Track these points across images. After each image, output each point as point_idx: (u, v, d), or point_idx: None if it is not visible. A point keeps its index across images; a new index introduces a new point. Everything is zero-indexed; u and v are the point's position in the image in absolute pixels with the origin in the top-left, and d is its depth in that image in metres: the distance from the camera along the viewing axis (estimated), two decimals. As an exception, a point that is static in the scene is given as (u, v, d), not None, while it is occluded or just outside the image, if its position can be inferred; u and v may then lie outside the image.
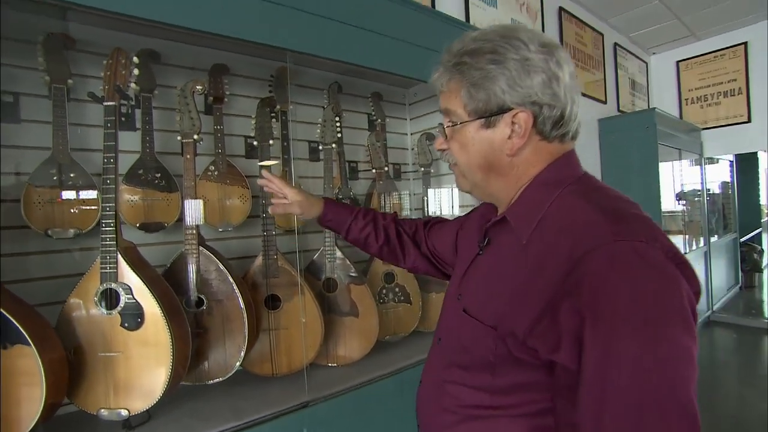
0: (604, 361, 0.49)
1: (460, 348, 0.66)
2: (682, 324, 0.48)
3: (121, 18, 1.00)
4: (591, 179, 0.64)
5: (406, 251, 1.03)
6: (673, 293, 0.49)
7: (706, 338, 3.94)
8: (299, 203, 1.01)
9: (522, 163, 0.63)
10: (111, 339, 1.05)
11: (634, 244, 0.50)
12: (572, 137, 0.64)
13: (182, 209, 1.29)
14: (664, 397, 0.46)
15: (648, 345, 0.47)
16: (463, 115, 0.64)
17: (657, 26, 3.91)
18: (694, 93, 4.37)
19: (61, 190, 1.16)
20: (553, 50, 0.60)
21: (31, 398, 0.90)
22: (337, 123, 1.53)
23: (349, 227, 1.02)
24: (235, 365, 1.22)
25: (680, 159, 4.06)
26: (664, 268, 0.50)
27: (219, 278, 1.23)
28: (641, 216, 0.55)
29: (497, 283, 0.64)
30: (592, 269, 0.50)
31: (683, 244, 3.96)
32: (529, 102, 0.59)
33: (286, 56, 1.30)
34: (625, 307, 0.48)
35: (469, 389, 0.63)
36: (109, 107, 1.08)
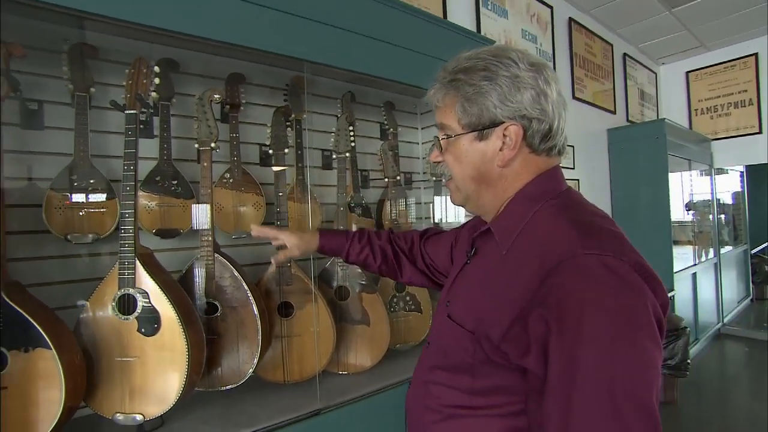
0: (569, 368, 0.52)
1: (443, 351, 0.70)
2: (646, 333, 0.51)
3: (143, 28, 1.02)
4: (572, 195, 0.68)
5: (402, 268, 1.09)
6: (637, 304, 0.52)
7: (716, 351, 3.89)
8: (297, 245, 1.07)
9: (511, 174, 0.67)
10: (127, 344, 1.06)
11: (603, 257, 0.53)
12: (558, 151, 0.69)
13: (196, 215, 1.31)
14: (627, 402, 0.49)
15: (611, 353, 0.50)
16: (457, 128, 0.67)
17: (666, 37, 3.91)
18: (704, 103, 4.36)
19: (81, 195, 1.18)
20: (541, 69, 0.64)
21: (51, 401, 0.91)
22: (351, 132, 1.55)
23: (347, 253, 1.08)
24: (248, 372, 1.23)
25: (690, 169, 4.04)
26: (630, 281, 0.53)
27: (233, 285, 1.24)
28: (613, 231, 0.59)
29: (479, 290, 0.68)
30: (560, 280, 0.54)
31: (693, 254, 3.92)
32: (519, 116, 0.63)
33: (300, 65, 1.32)
34: (589, 317, 0.51)
35: (450, 390, 0.67)
36: (131, 115, 1.10)
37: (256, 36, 1.16)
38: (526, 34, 2.85)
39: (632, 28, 3.73)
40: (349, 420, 1.27)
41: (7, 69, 0.98)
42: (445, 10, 2.30)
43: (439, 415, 0.68)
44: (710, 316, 4.11)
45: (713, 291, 4.19)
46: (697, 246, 4.03)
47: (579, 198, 0.68)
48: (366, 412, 1.30)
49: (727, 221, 4.85)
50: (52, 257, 1.17)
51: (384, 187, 1.80)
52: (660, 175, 3.34)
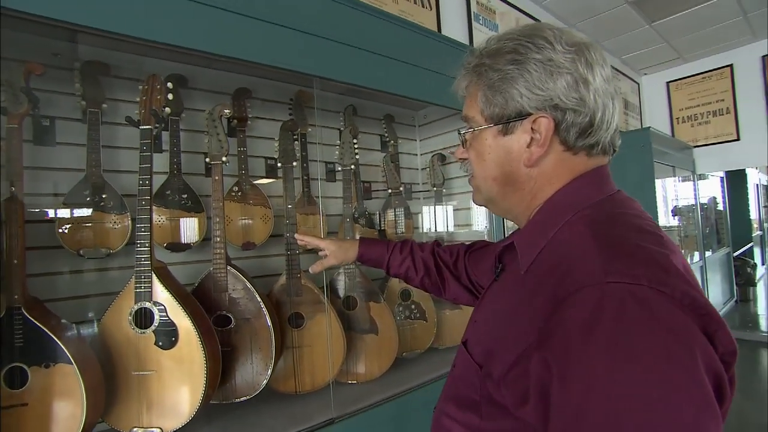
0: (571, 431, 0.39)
1: (456, 381, 0.62)
2: (692, 400, 0.37)
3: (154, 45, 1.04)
4: (615, 202, 0.55)
5: (446, 283, 0.99)
6: (678, 353, 0.38)
7: (705, 352, 3.99)
8: (334, 254, 1.05)
9: (540, 177, 0.57)
10: (145, 358, 1.06)
11: (632, 287, 0.40)
12: (603, 150, 0.57)
13: (208, 229, 1.32)
14: None
15: (632, 422, 0.36)
16: (480, 121, 0.59)
17: (647, 49, 4.07)
18: (684, 112, 4.52)
19: (93, 211, 1.18)
20: (583, 50, 0.54)
21: (72, 417, 0.91)
22: (355, 145, 1.58)
23: (388, 264, 1.02)
24: (263, 383, 1.23)
25: (674, 176, 4.18)
26: (670, 320, 0.39)
27: (246, 297, 1.25)
28: (654, 251, 0.45)
29: (495, 316, 0.59)
30: (571, 315, 0.42)
31: (680, 259, 4.04)
32: (551, 106, 0.53)
33: (306, 80, 1.35)
34: (605, 366, 0.38)
35: (459, 426, 0.57)
36: (145, 131, 1.11)
37: (268, 52, 1.19)
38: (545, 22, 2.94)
39: (615, 40, 3.87)
40: (363, 428, 1.28)
41: (27, 87, 0.99)
42: (440, 24, 2.37)
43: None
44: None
45: (700, 293, 4.31)
46: (684, 250, 4.15)
47: (622, 206, 0.54)
48: (378, 419, 1.32)
49: (711, 225, 5.00)
50: (65, 273, 1.17)
51: (386, 198, 1.83)
52: (647, 182, 3.44)
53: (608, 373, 0.38)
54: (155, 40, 1.02)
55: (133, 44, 1.08)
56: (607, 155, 0.59)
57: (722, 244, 5.23)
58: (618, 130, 0.59)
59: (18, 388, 0.91)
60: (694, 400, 0.37)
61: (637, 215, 0.53)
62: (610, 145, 0.58)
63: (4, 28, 1.05)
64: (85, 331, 1.06)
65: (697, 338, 0.39)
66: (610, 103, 0.55)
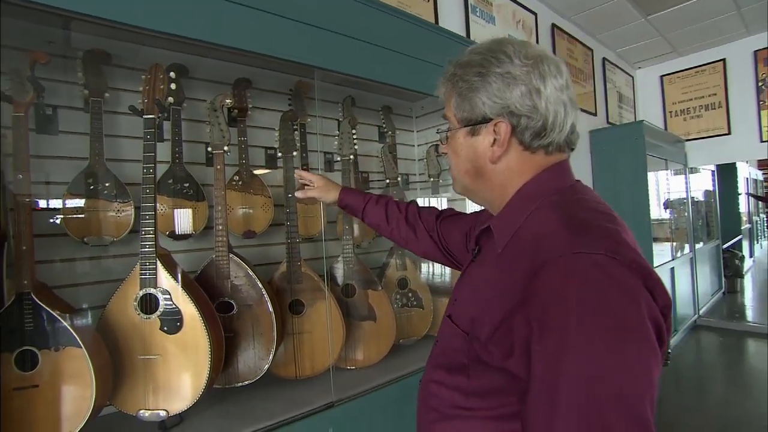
0: (551, 374, 0.49)
1: (443, 350, 0.70)
2: (638, 337, 0.48)
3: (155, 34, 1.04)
4: (577, 190, 0.65)
5: (418, 236, 1.08)
6: (629, 306, 0.48)
7: (693, 341, 4.09)
8: (319, 189, 1.16)
9: (505, 171, 0.66)
10: (150, 342, 1.09)
11: (593, 256, 0.50)
12: (559, 148, 0.66)
13: (209, 218, 1.34)
14: (615, 412, 0.46)
15: (597, 359, 0.47)
16: (454, 122, 0.69)
17: (642, 42, 4.10)
18: (677, 106, 4.57)
19: (96, 199, 1.20)
20: (538, 63, 0.62)
21: (82, 398, 0.94)
22: (354, 135, 1.60)
23: (363, 211, 1.12)
24: (264, 368, 1.27)
25: (666, 169, 4.24)
26: (623, 282, 0.49)
27: (248, 284, 1.27)
28: (608, 228, 0.55)
29: (476, 290, 0.68)
30: (546, 281, 0.51)
31: (671, 251, 4.11)
32: (508, 113, 0.62)
33: (304, 71, 1.37)
34: (574, 319, 0.48)
35: (449, 390, 0.66)
36: (149, 120, 1.13)
37: (268, 43, 1.20)
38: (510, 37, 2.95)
39: (611, 33, 3.90)
40: (362, 411, 1.32)
41: (32, 75, 1.00)
42: (437, 16, 2.38)
43: (438, 414, 0.67)
44: (687, 308, 4.31)
45: (689, 284, 4.40)
46: (675, 243, 4.23)
47: (582, 193, 0.65)
48: (377, 403, 1.36)
49: (701, 217, 5.08)
50: (70, 260, 1.19)
51: (383, 188, 1.86)
52: (639, 175, 3.50)
53: (577, 325, 0.48)
54: (155, 30, 1.03)
55: (133, 33, 1.08)
56: (564, 152, 0.68)
57: (712, 236, 5.33)
58: (575, 131, 0.67)
59: (29, 371, 0.93)
60: (640, 340, 0.48)
61: (594, 200, 0.63)
62: (566, 144, 0.67)
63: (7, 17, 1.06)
64: (92, 316, 1.08)
65: (642, 293, 0.50)
66: (562, 110, 0.63)
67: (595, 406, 0.46)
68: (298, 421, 1.19)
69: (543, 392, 0.50)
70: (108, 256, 1.24)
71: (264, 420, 1.16)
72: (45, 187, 1.17)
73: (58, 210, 1.15)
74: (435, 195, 2.00)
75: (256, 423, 1.15)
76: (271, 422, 1.16)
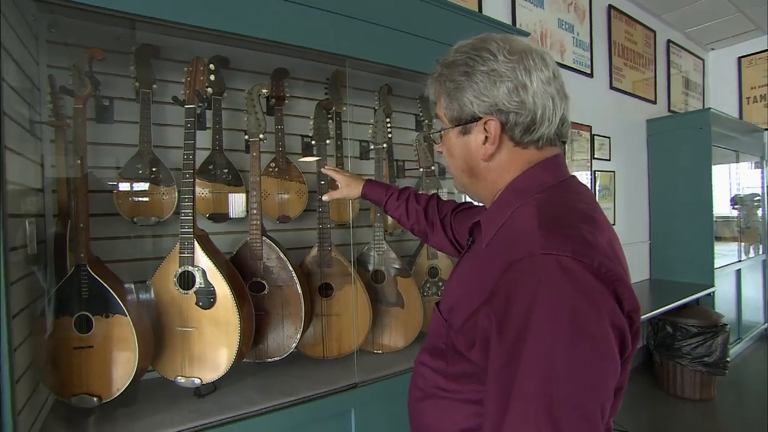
0: (506, 369, 0.50)
1: (430, 335, 0.73)
2: (596, 345, 0.48)
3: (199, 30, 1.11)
4: (564, 187, 0.64)
5: (434, 231, 1.10)
6: (589, 312, 0.48)
7: (761, 351, 3.74)
8: (344, 188, 1.16)
9: (497, 168, 0.66)
10: (187, 316, 1.19)
11: (559, 258, 0.50)
12: (550, 142, 0.65)
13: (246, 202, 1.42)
14: (565, 413, 0.46)
15: (551, 358, 0.47)
16: (446, 122, 0.69)
17: (717, 20, 3.73)
18: (756, 91, 4.13)
19: (145, 183, 1.31)
20: (522, 57, 0.61)
21: (128, 360, 1.05)
22: (388, 124, 1.62)
23: (385, 205, 1.14)
24: (292, 346, 1.34)
25: (737, 161, 3.86)
26: (586, 286, 0.49)
27: (280, 266, 1.34)
28: (582, 229, 0.55)
29: (461, 281, 0.70)
30: (511, 279, 0.52)
31: (738, 251, 3.77)
32: (496, 110, 0.62)
33: (341, 61, 1.40)
34: (534, 319, 0.48)
35: (431, 372, 0.69)
36: (190, 109, 1.21)
37: (303, 34, 1.24)
38: (563, 23, 2.80)
39: (678, 12, 3.58)
40: (383, 395, 1.36)
41: (90, 71, 1.11)
42: (480, 3, 2.31)
43: (422, 393, 0.70)
44: (755, 314, 3.94)
45: (760, 289, 4.01)
46: (743, 243, 3.86)
47: (569, 191, 0.64)
48: (399, 388, 1.39)
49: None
50: (121, 237, 1.31)
51: (419, 177, 1.86)
52: (703, 168, 3.22)
53: (536, 326, 0.48)
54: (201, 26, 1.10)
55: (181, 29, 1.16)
56: (554, 146, 0.66)
57: (792, 237, 4.80)
58: (566, 123, 0.66)
59: (85, 333, 1.06)
60: (598, 346, 0.49)
61: (580, 199, 0.62)
62: (557, 136, 0.65)
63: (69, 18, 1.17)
64: (137, 289, 1.19)
65: (606, 300, 0.50)
66: (550, 103, 0.62)
67: (546, 407, 0.47)
68: (321, 399, 1.25)
69: (497, 387, 0.51)
70: (154, 235, 1.36)
71: (289, 395, 1.23)
72: (102, 171, 1.29)
73: (112, 192, 1.27)
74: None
75: (282, 397, 1.22)
76: (295, 397, 1.23)
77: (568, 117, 0.66)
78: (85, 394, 1.06)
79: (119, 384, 1.06)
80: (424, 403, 0.70)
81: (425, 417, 0.69)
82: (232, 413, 1.13)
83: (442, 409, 0.66)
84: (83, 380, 1.06)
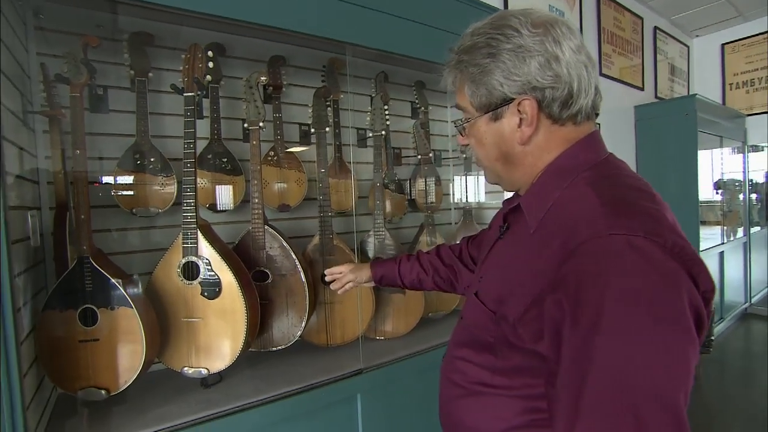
0: (581, 359, 0.47)
1: (469, 328, 0.69)
2: (676, 324, 0.45)
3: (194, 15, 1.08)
4: (611, 164, 0.61)
5: (458, 275, 1.04)
6: (667, 291, 0.46)
7: (742, 329, 3.88)
8: (350, 273, 1.10)
9: (535, 150, 0.62)
10: (192, 306, 1.18)
11: (630, 238, 0.47)
12: (587, 116, 0.61)
13: (246, 192, 1.41)
14: (647, 403, 0.44)
15: (631, 345, 0.45)
16: (472, 111, 0.64)
17: (702, 7, 3.78)
18: (739, 77, 4.22)
19: (143, 174, 1.28)
20: (548, 29, 0.58)
21: (134, 353, 1.04)
22: (386, 111, 1.61)
23: (399, 274, 1.08)
24: (297, 334, 1.34)
25: (721, 147, 3.95)
26: (662, 265, 0.46)
27: (283, 254, 1.34)
28: (648, 208, 0.52)
29: (505, 269, 0.65)
30: (580, 263, 0.49)
31: (721, 234, 3.88)
32: (530, 88, 0.58)
33: (338, 47, 1.38)
34: (609, 304, 0.45)
35: (474, 367, 0.65)
36: (189, 97, 1.18)
37: (300, 20, 1.22)
38: (554, 9, 2.81)
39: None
40: (388, 379, 1.38)
41: (85, 58, 1.08)
42: (474, -13, 2.29)
43: (462, 390, 0.67)
44: (737, 295, 4.08)
45: (741, 270, 4.15)
46: (726, 226, 3.98)
47: (617, 168, 0.61)
48: (404, 372, 1.41)
49: (759, 200, 4.73)
50: (121, 229, 1.29)
51: (416, 165, 1.87)
52: (689, 153, 3.28)
53: (612, 311, 0.45)
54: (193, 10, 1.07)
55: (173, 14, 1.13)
56: (591, 120, 0.63)
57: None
58: (599, 92, 0.63)
59: (90, 326, 1.04)
60: (679, 328, 0.46)
61: (631, 175, 0.59)
62: (592, 109, 0.62)
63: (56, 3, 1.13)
64: (141, 280, 1.18)
65: (683, 280, 0.47)
66: (584, 71, 0.59)
67: (626, 396, 0.44)
68: (328, 385, 1.26)
69: (571, 379, 0.48)
70: (154, 226, 1.34)
71: (296, 382, 1.24)
72: (98, 162, 1.26)
73: (110, 184, 1.24)
74: (468, 171, 1.99)
75: (289, 385, 1.23)
76: (302, 385, 1.23)
77: (599, 87, 0.62)
78: (93, 387, 1.05)
79: (126, 376, 1.05)
80: (465, 400, 0.66)
81: (467, 415, 0.66)
82: (240, 402, 1.13)
83: (488, 407, 0.63)
84: (90, 373, 1.05)
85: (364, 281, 1.11)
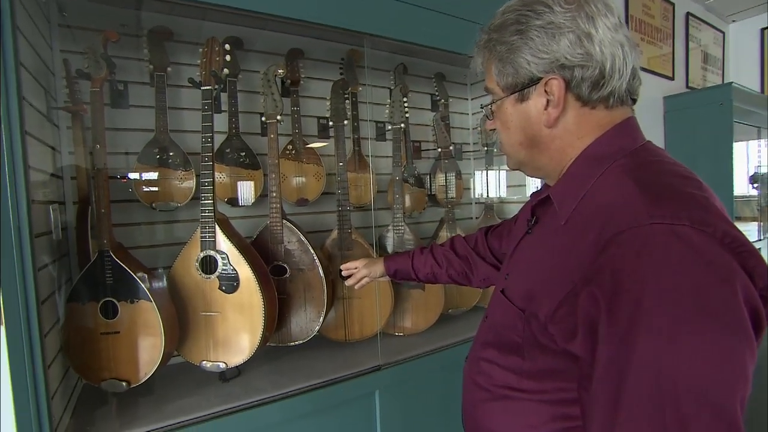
0: (620, 358, 0.43)
1: (495, 328, 0.66)
2: (730, 325, 0.40)
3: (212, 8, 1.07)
4: (649, 151, 0.57)
5: (473, 268, 1.02)
6: (718, 285, 0.41)
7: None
8: (364, 269, 1.09)
9: (564, 135, 0.58)
10: (210, 300, 1.18)
11: (675, 227, 0.43)
12: (620, 100, 0.57)
13: (264, 186, 1.41)
14: (694, 407, 0.39)
15: (676, 344, 0.40)
16: (499, 92, 0.62)
17: (739, -9, 3.59)
18: (778, 65, 4.00)
19: (163, 168, 1.29)
20: (582, 4, 0.55)
21: (154, 346, 1.05)
22: (405, 104, 1.58)
23: (413, 267, 1.06)
24: (315, 329, 1.33)
25: (758, 138, 3.75)
26: (711, 256, 0.42)
27: (301, 249, 1.33)
28: (695, 195, 0.47)
29: (534, 264, 0.62)
30: (618, 254, 0.45)
31: (757, 231, 3.70)
32: (558, 66, 0.55)
33: (357, 39, 1.35)
34: (651, 299, 0.41)
35: (501, 369, 0.62)
36: (206, 91, 1.18)
37: (319, 11, 1.20)
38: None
39: (698, -16, 3.45)
40: (408, 376, 1.35)
41: (105, 53, 1.08)
42: (496, -25, 2.23)
43: (488, 394, 0.63)
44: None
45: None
46: (763, 222, 3.79)
47: (657, 155, 0.56)
48: (423, 369, 1.39)
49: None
50: (141, 223, 1.30)
51: (436, 159, 1.83)
52: (723, 145, 3.13)
53: (654, 306, 0.41)
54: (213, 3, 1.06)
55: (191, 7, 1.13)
56: (626, 105, 0.59)
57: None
58: (637, 76, 0.58)
59: (111, 318, 1.05)
60: (732, 326, 0.40)
61: (674, 162, 0.55)
62: (627, 94, 0.58)
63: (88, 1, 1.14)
64: (160, 274, 1.19)
65: (736, 273, 0.42)
66: (620, 51, 0.55)
67: (671, 399, 0.40)
68: (346, 381, 1.25)
69: (608, 380, 0.44)
70: (174, 220, 1.35)
71: (314, 378, 1.23)
72: (119, 157, 1.28)
73: (130, 178, 1.25)
74: (489, 165, 1.94)
75: (307, 380, 1.22)
76: (320, 380, 1.22)
77: (639, 70, 0.58)
78: (114, 378, 1.06)
79: (147, 369, 1.06)
80: (492, 404, 0.63)
81: (491, 420, 0.63)
82: (258, 397, 1.13)
83: (515, 412, 0.59)
84: (112, 365, 1.06)
85: (378, 276, 1.10)
